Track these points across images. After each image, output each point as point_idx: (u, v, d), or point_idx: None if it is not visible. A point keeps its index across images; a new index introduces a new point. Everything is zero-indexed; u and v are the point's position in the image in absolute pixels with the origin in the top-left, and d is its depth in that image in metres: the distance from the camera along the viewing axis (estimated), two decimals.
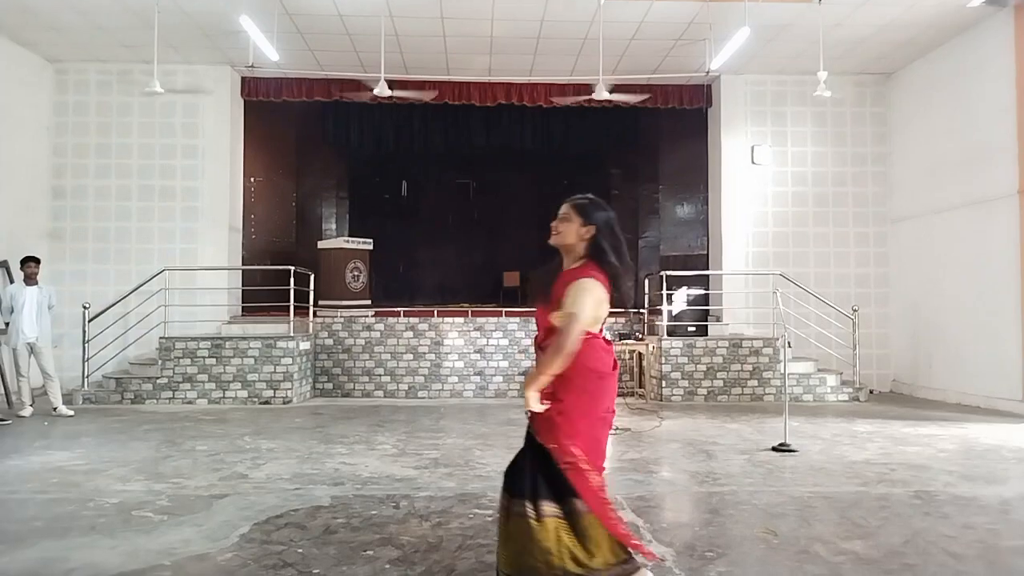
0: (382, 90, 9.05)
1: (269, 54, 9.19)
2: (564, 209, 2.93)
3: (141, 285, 9.64)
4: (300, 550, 3.62)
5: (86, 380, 9.14)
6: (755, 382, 9.55)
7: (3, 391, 8.83)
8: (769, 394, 9.49)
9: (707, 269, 10.94)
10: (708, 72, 10.13)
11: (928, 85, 10.08)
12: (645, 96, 10.93)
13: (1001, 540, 3.81)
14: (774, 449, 6.16)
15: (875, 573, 3.32)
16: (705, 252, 11.39)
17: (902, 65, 10.51)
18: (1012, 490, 4.85)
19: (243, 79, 10.88)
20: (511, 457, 3.09)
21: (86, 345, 9.16)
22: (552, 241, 2.97)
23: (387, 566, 3.39)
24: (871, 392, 10.10)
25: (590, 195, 2.97)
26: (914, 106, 10.38)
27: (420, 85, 10.85)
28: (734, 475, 5.30)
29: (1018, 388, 8.34)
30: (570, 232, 2.88)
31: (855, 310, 9.73)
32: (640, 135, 12.81)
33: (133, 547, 3.66)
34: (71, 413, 8.08)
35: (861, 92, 10.98)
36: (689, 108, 11.25)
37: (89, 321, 9.21)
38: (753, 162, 10.86)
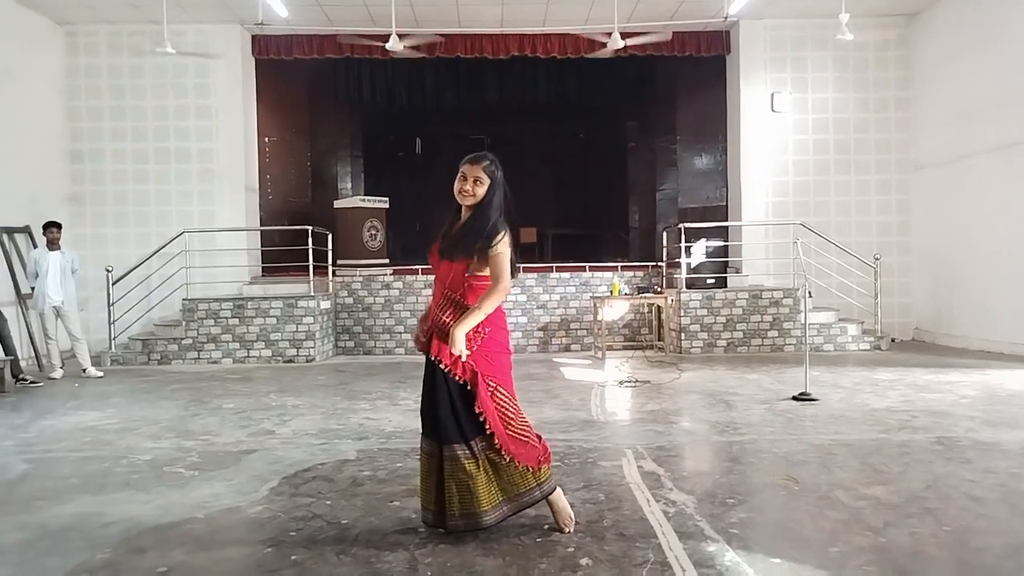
0: (394, 45, 8.92)
1: (278, 10, 9.08)
2: (473, 170, 3.13)
3: (162, 248, 9.73)
4: (328, 502, 3.70)
5: (113, 342, 9.32)
6: (775, 333, 9.53)
7: (33, 354, 9.04)
8: (789, 345, 9.47)
9: (726, 220, 10.81)
10: (726, 17, 9.88)
11: (955, 25, 9.76)
12: (663, 37, 10.52)
13: (1023, 484, 3.81)
14: (794, 398, 6.17)
15: (896, 517, 3.34)
16: (724, 203, 11.24)
17: (927, 5, 10.17)
18: None
19: (253, 37, 10.77)
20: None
21: (111, 308, 9.30)
22: (467, 203, 3.16)
23: (413, 516, 3.46)
24: (893, 341, 10.05)
25: (488, 153, 3.19)
26: (940, 48, 10.08)
27: (432, 39, 10.68)
28: (754, 424, 5.33)
29: None
30: (481, 191, 3.13)
31: (877, 259, 9.63)
32: (657, 85, 12.58)
33: (167, 501, 3.77)
34: (100, 374, 8.25)
35: (884, 35, 10.66)
36: (707, 56, 11.00)
37: (113, 284, 9.33)
38: (773, 110, 10.64)
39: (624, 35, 9.21)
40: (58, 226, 8.23)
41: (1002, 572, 2.79)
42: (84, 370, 8.22)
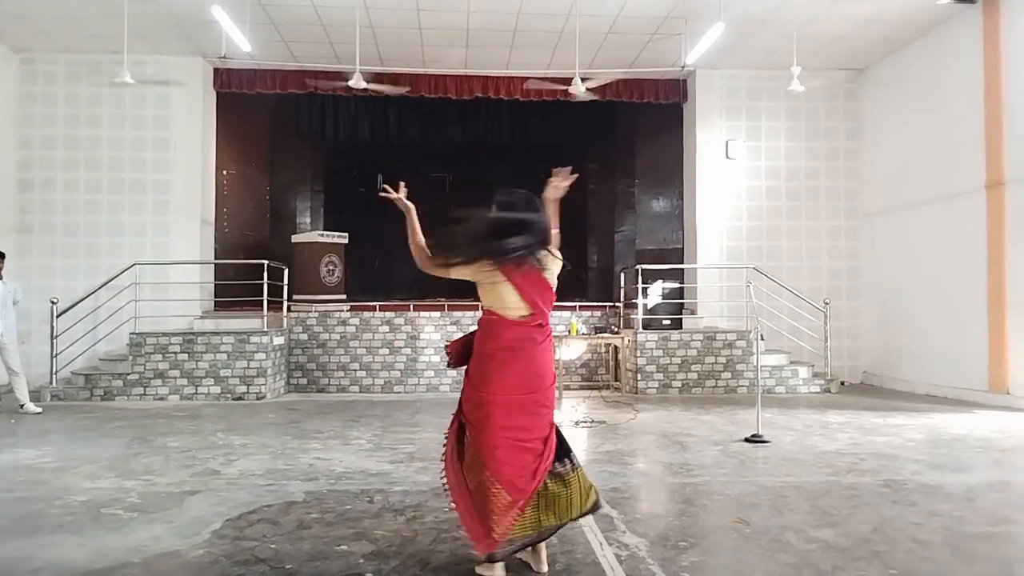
0: (357, 82, 8.97)
1: (241, 45, 9.07)
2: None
3: (111, 280, 9.48)
4: (273, 546, 3.59)
5: (54, 377, 8.98)
6: (729, 374, 9.65)
7: None
8: (742, 386, 9.59)
9: (682, 263, 11.01)
10: (683, 67, 10.19)
11: (899, 81, 10.22)
12: (621, 77, 10.75)
13: (966, 527, 3.89)
14: (747, 440, 6.23)
15: (844, 560, 3.37)
16: (680, 246, 11.46)
17: (875, 61, 10.65)
18: (977, 478, 4.95)
19: (215, 70, 10.73)
20: None
21: (54, 341, 8.99)
22: None
23: (361, 560, 3.38)
24: (842, 384, 10.25)
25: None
26: (885, 102, 10.53)
27: (396, 77, 10.77)
28: (707, 466, 5.36)
29: (984, 379, 8.52)
30: None
31: (827, 303, 9.86)
32: (617, 129, 12.83)
33: (102, 545, 3.61)
34: (39, 410, 7.93)
35: (834, 87, 11.10)
36: (665, 103, 11.30)
37: (57, 316, 9.04)
38: (728, 157, 10.94)
39: (584, 79, 9.42)
40: (1, 256, 7.96)
41: None
42: (21, 406, 7.90)
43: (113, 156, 10.31)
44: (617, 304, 10.74)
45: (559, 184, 3.42)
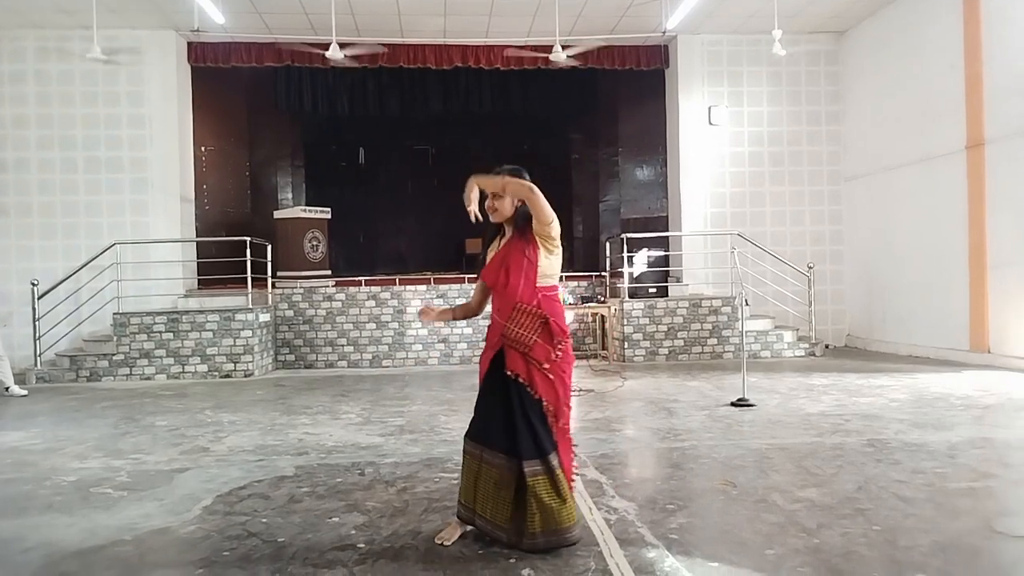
0: (334, 53, 8.82)
1: (214, 17, 8.89)
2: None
3: (91, 260, 9.37)
4: (264, 520, 3.60)
5: (38, 359, 8.90)
6: (714, 340, 9.72)
7: None
8: (728, 352, 9.67)
9: (667, 231, 11.01)
10: (664, 32, 10.10)
11: (880, 43, 10.19)
12: (601, 45, 10.67)
13: (948, 483, 3.96)
14: (733, 404, 6.30)
15: (829, 518, 3.42)
16: (665, 214, 11.46)
17: (855, 23, 10.60)
18: (959, 435, 5.04)
19: (189, 44, 10.51)
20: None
21: (37, 323, 8.89)
22: (495, 220, 3.17)
23: (352, 532, 3.40)
24: (827, 347, 10.36)
25: (506, 168, 3.12)
26: (866, 64, 10.50)
27: (373, 48, 10.59)
28: (694, 430, 5.41)
29: (965, 339, 8.63)
30: (507, 205, 3.11)
31: (811, 267, 9.93)
32: (599, 98, 12.74)
33: (92, 524, 3.60)
34: (24, 392, 7.87)
35: (815, 51, 11.06)
36: (647, 69, 11.21)
37: (39, 298, 8.93)
38: (710, 123, 10.91)
39: (565, 47, 9.31)
40: None
41: (929, 569, 2.88)
42: (7, 388, 7.83)
43: (88, 135, 10.12)
44: (603, 273, 10.76)
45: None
